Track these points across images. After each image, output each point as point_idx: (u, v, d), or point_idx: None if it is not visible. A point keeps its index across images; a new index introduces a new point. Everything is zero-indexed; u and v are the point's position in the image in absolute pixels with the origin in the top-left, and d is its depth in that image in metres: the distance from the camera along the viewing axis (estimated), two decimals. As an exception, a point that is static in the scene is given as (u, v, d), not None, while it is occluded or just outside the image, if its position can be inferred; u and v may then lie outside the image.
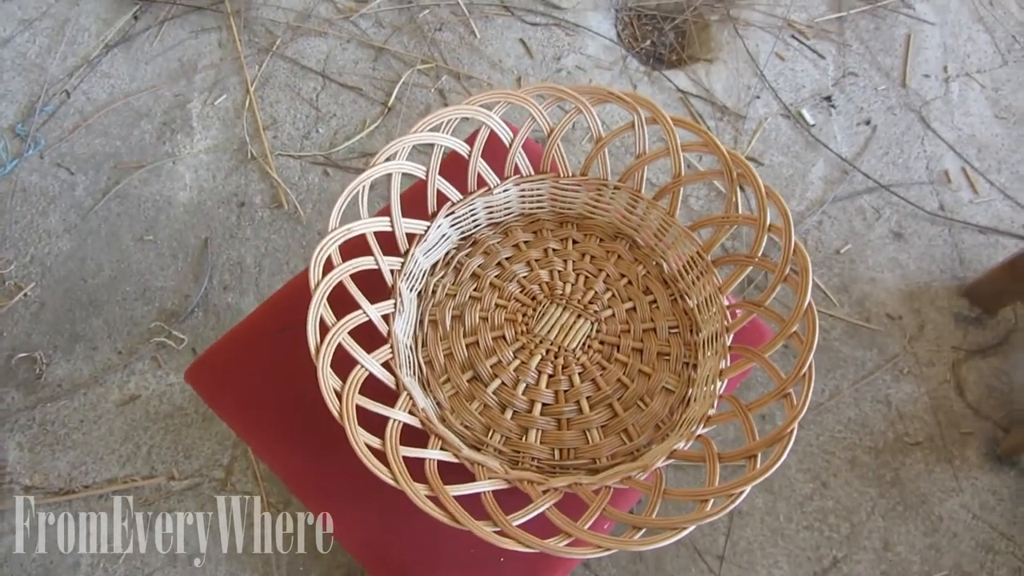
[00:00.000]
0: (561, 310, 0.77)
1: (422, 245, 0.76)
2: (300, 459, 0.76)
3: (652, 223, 0.79)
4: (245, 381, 0.79)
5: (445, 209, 0.77)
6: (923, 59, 1.77)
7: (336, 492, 0.73)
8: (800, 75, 1.74)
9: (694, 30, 1.77)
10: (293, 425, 0.77)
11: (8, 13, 1.71)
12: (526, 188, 0.80)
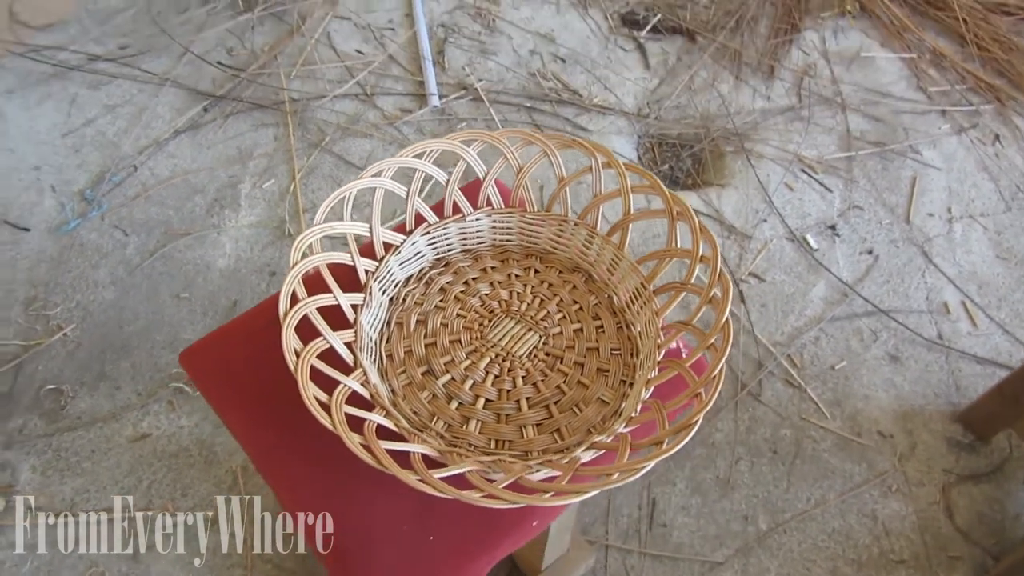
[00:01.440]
0: (514, 323, 0.87)
1: (397, 256, 0.88)
2: (271, 437, 0.84)
3: (605, 258, 0.89)
4: (233, 368, 0.90)
5: (421, 228, 0.89)
6: (928, 200, 1.88)
7: (298, 471, 0.81)
8: (807, 204, 1.87)
9: (710, 158, 1.93)
10: (271, 409, 0.86)
11: (96, 99, 1.98)
12: (497, 220, 0.91)
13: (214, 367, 0.91)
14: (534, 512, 0.83)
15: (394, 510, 0.82)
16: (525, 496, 0.68)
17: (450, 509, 0.82)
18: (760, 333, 1.69)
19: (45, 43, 2.12)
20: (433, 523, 0.81)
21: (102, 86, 2.04)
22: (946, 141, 2.02)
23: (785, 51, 2.18)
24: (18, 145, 1.93)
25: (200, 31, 2.16)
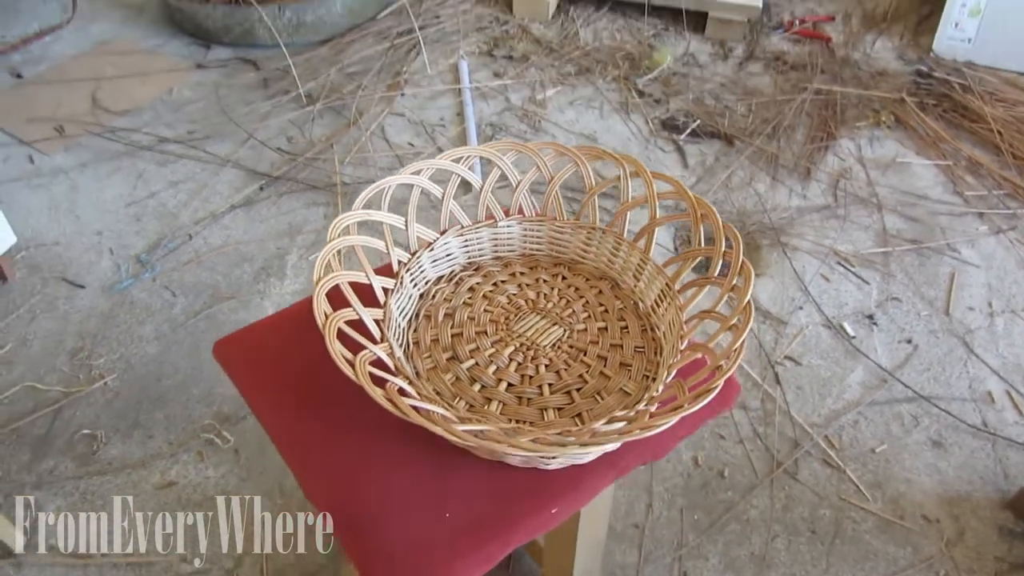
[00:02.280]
0: (540, 318, 0.89)
1: (430, 252, 0.92)
2: (292, 418, 0.86)
3: (632, 264, 0.92)
4: (263, 356, 0.93)
5: (455, 230, 0.93)
6: (967, 294, 1.88)
7: (317, 449, 0.82)
8: (843, 295, 1.88)
9: (746, 251, 1.95)
10: (296, 393, 0.88)
11: (162, 175, 2.11)
12: (528, 227, 0.95)
13: (244, 355, 0.95)
14: (550, 490, 0.82)
15: (411, 487, 0.82)
16: (531, 445, 0.69)
17: (467, 489, 0.82)
18: (796, 414, 1.66)
19: (121, 126, 2.29)
20: (449, 501, 0.81)
21: (168, 164, 2.18)
22: (984, 241, 2.03)
23: (821, 156, 2.25)
24: (85, 212, 2.05)
25: (264, 120, 2.31)
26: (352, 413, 0.87)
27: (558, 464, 0.83)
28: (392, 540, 0.78)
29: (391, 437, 0.85)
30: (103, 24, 2.72)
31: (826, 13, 2.80)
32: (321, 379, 0.91)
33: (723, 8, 2.63)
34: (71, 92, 2.42)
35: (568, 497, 0.83)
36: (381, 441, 0.85)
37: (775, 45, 2.67)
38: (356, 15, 2.63)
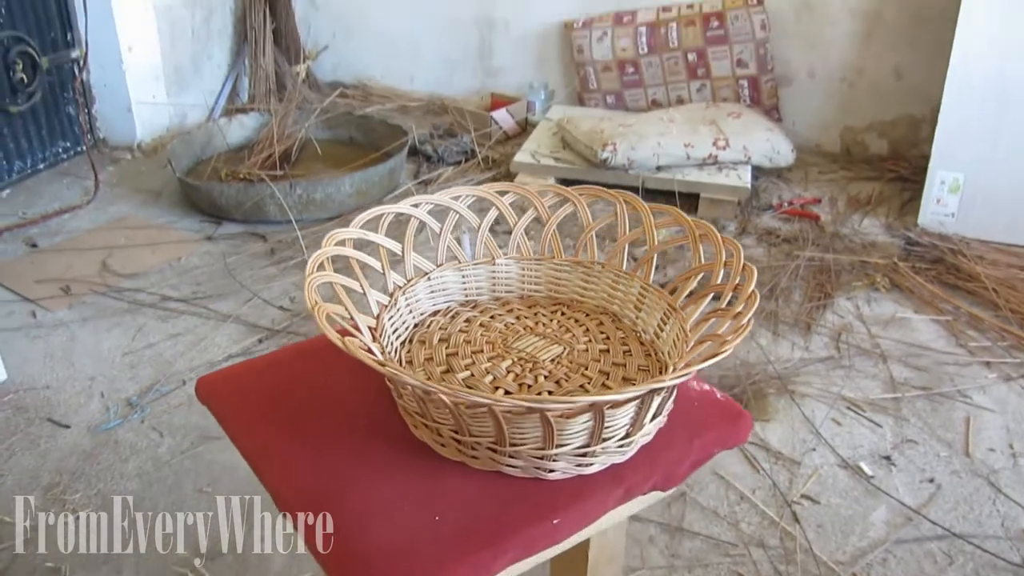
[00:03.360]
0: (538, 338, 0.87)
1: (426, 283, 0.92)
2: (271, 441, 0.83)
3: (632, 296, 0.92)
4: (241, 389, 0.91)
5: (452, 264, 0.94)
6: (985, 436, 1.84)
7: (298, 468, 0.79)
8: (857, 437, 1.83)
9: (753, 399, 1.93)
10: (275, 419, 0.85)
11: (162, 329, 2.14)
12: (525, 266, 0.96)
13: (224, 386, 0.91)
14: (553, 501, 0.75)
15: (398, 493, 0.76)
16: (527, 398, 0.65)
17: (460, 496, 0.76)
18: (819, 551, 1.55)
19: (127, 286, 2.34)
20: (440, 507, 0.74)
21: (169, 319, 2.21)
22: (995, 387, 2.01)
23: (820, 314, 2.28)
24: (80, 360, 2.05)
25: (268, 282, 2.37)
26: (339, 431, 0.83)
27: (561, 473, 0.77)
28: (373, 544, 0.71)
29: (379, 450, 0.81)
30: (121, 205, 2.87)
31: (812, 197, 2.96)
32: (305, 403, 0.88)
33: (714, 189, 2.78)
34: (82, 258, 2.50)
35: (571, 509, 0.76)
36: (368, 454, 0.80)
37: (766, 223, 2.79)
38: (364, 195, 2.77)
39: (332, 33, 3.91)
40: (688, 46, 3.24)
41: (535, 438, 0.73)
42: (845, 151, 3.37)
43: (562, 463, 0.76)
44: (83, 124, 3.13)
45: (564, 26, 3.48)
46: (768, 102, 3.27)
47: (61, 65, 3.02)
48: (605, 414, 0.71)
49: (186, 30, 3.40)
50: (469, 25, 3.68)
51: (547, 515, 0.75)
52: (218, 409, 0.89)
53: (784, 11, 3.24)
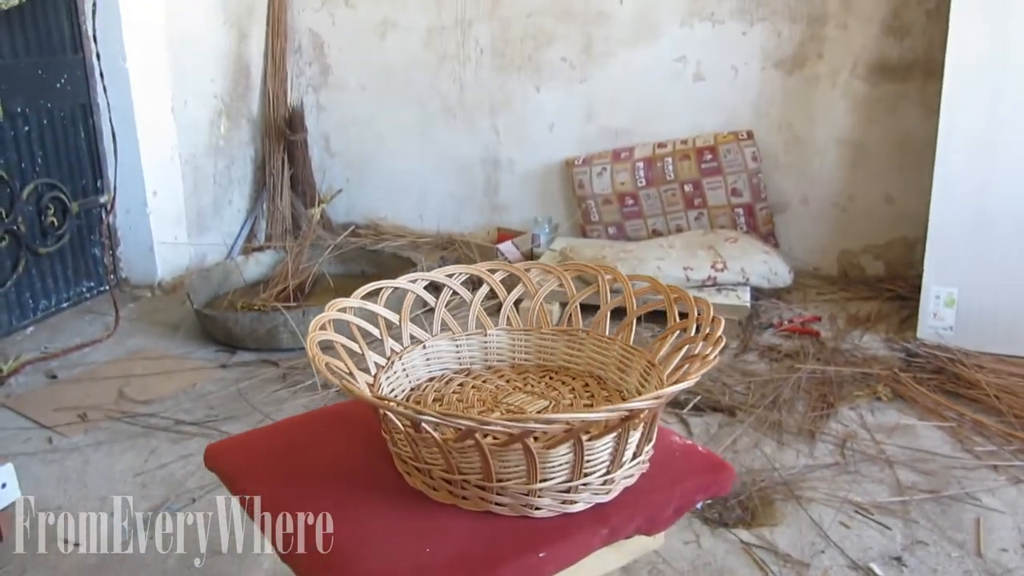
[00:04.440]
0: (526, 395, 0.95)
1: (422, 351, 1.01)
2: (275, 489, 0.90)
3: (614, 358, 1.00)
4: (246, 452, 0.98)
5: (447, 334, 1.03)
6: (997, 537, 1.84)
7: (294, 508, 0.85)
8: (866, 539, 1.84)
9: (759, 504, 1.95)
10: (281, 474, 0.93)
11: (174, 451, 2.23)
12: (516, 336, 1.05)
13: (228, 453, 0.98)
14: (538, 537, 0.80)
15: (392, 531, 0.81)
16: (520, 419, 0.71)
17: (450, 532, 0.81)
18: (832, 651, 1.53)
19: (141, 411, 2.41)
20: (431, 542, 0.80)
21: (182, 441, 2.27)
22: (1004, 490, 2.01)
23: (824, 423, 2.31)
24: (93, 481, 2.10)
25: (279, 404, 2.44)
26: (337, 483, 0.89)
27: (547, 511, 0.82)
28: (365, 571, 0.76)
29: (375, 497, 0.86)
30: (140, 338, 2.99)
31: (812, 315, 3.04)
32: (305, 462, 0.94)
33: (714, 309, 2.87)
34: (99, 387, 2.59)
35: (558, 545, 0.81)
36: (364, 501, 0.86)
37: (767, 340, 2.87)
38: (374, 323, 2.88)
39: (346, 178, 4.16)
40: (684, 178, 3.43)
41: (519, 472, 0.79)
42: (842, 273, 3.48)
43: (547, 500, 0.81)
44: (107, 265, 3.31)
45: (565, 163, 3.71)
46: (764, 228, 3.42)
47: (90, 209, 3.23)
48: (584, 445, 0.77)
49: (208, 177, 3.64)
50: (475, 166, 3.93)
51: (534, 549, 0.79)
52: (224, 470, 0.96)
53: (774, 143, 3.45)
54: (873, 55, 3.28)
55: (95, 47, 3.02)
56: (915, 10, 3.19)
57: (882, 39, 3.26)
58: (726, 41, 3.43)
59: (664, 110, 3.57)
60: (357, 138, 4.12)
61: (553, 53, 3.68)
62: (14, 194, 2.89)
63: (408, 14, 3.86)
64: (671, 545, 1.85)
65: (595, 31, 3.59)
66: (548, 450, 0.77)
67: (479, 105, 3.86)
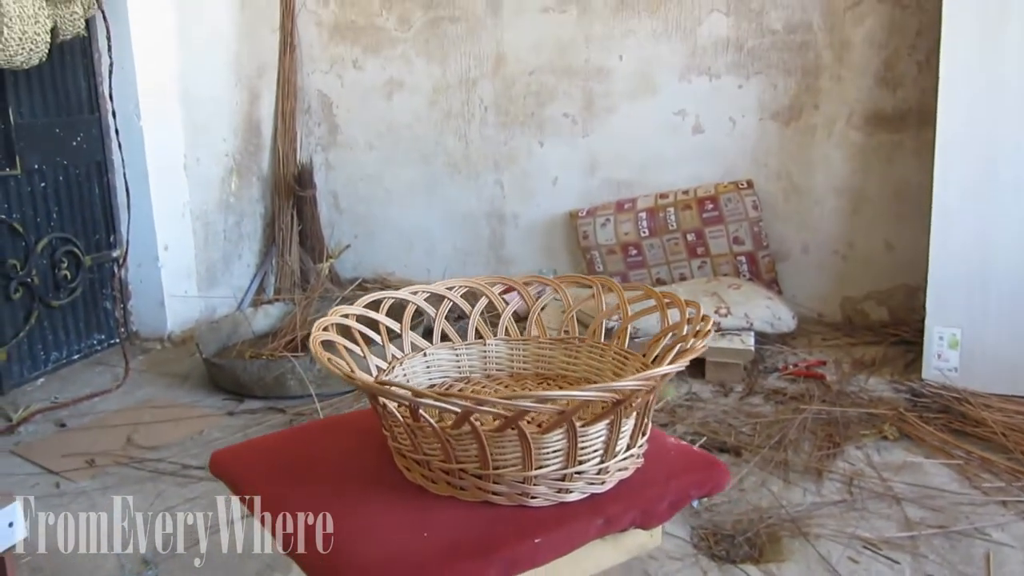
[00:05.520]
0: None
1: (422, 358, 1.04)
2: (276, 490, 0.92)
3: (610, 363, 1.04)
4: (256, 463, 1.00)
5: (448, 344, 1.07)
6: (1008, 571, 1.85)
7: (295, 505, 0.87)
8: (875, 574, 1.85)
9: (767, 541, 1.94)
10: (283, 477, 0.95)
11: (180, 494, 2.22)
12: (514, 346, 1.09)
13: (233, 459, 1.01)
14: (535, 525, 0.82)
15: (391, 521, 0.83)
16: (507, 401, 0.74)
17: (448, 520, 0.83)
18: None
19: (149, 457, 2.43)
20: (429, 528, 0.81)
21: (188, 485, 2.28)
22: (1014, 525, 2.00)
23: (831, 462, 2.31)
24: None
25: (285, 449, 2.44)
26: (340, 481, 0.91)
27: (543, 500, 0.84)
28: (364, 555, 0.78)
29: (376, 492, 0.88)
30: (149, 388, 3.02)
31: (817, 360, 3.05)
32: (307, 464, 0.96)
33: (718, 353, 2.90)
34: (107, 435, 2.61)
35: (553, 533, 0.83)
36: (365, 496, 0.88)
37: (773, 384, 2.87)
38: (380, 371, 2.90)
39: (354, 235, 4.23)
40: (686, 228, 3.48)
41: (515, 460, 0.81)
42: (846, 319, 3.50)
43: (543, 488, 0.83)
44: (118, 317, 3.36)
45: (569, 216, 3.77)
46: (767, 276, 3.46)
47: (102, 263, 3.30)
48: (578, 431, 0.80)
49: (219, 232, 3.72)
50: (481, 220, 4.00)
51: (530, 536, 0.81)
52: (228, 473, 0.98)
53: (773, 193, 3.51)
54: (867, 106, 3.37)
55: (111, 106, 3.12)
56: (906, 61, 3.28)
57: (875, 90, 3.35)
58: (723, 94, 3.52)
59: (665, 162, 3.65)
60: (365, 195, 4.21)
61: (555, 109, 3.78)
62: (29, 248, 2.96)
63: (414, 75, 3.98)
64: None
65: (596, 87, 3.70)
66: (543, 435, 0.79)
67: (484, 161, 3.95)
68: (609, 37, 3.65)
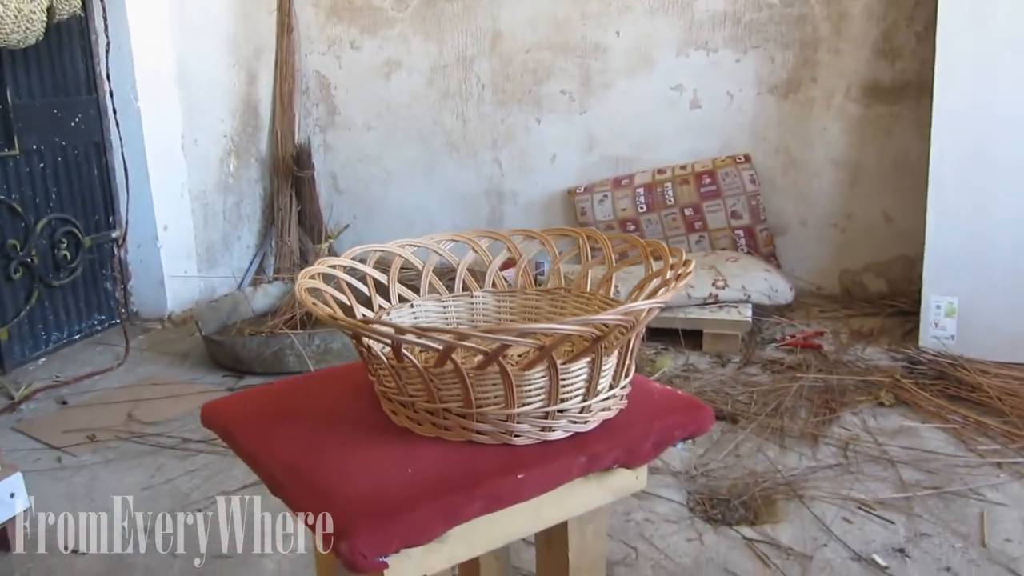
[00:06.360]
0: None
1: (408, 310, 1.05)
2: (270, 433, 0.93)
3: (596, 310, 1.04)
4: (247, 411, 1.02)
5: (435, 296, 1.08)
6: (1001, 528, 1.84)
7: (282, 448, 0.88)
8: (868, 533, 1.85)
9: (762, 504, 1.96)
10: (272, 421, 0.97)
11: (181, 466, 2.26)
12: (501, 298, 1.10)
13: (224, 409, 1.02)
14: (518, 462, 0.83)
15: (377, 458, 0.84)
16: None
17: (433, 457, 0.84)
18: (835, 636, 1.53)
19: (149, 432, 2.45)
20: (413, 464, 0.83)
21: (188, 458, 2.31)
22: (1008, 486, 2.02)
23: (827, 427, 2.32)
24: (100, 496, 2.13)
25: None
26: (329, 426, 0.92)
27: (526, 438, 0.85)
28: (352, 491, 0.79)
29: (363, 435, 0.89)
30: (149, 367, 3.04)
31: (814, 331, 3.06)
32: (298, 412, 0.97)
33: (716, 325, 2.91)
34: (109, 411, 2.63)
35: (536, 469, 0.84)
36: (352, 438, 0.89)
37: (770, 354, 2.89)
38: (379, 346, 2.92)
39: (353, 215, 4.24)
40: (684, 203, 3.48)
41: (498, 399, 0.83)
42: (845, 291, 3.51)
43: (526, 427, 0.84)
44: (118, 298, 3.37)
45: (567, 192, 3.78)
46: (765, 250, 3.46)
47: (102, 244, 3.31)
48: (559, 368, 0.81)
49: (218, 214, 3.73)
50: (479, 198, 4.00)
51: (514, 471, 0.82)
52: (220, 422, 0.99)
53: (771, 167, 3.51)
54: (866, 77, 3.36)
55: (109, 87, 3.13)
56: (905, 33, 3.28)
57: (874, 62, 3.34)
58: (721, 69, 3.52)
59: (663, 137, 3.65)
60: (364, 175, 4.21)
61: (553, 86, 3.78)
62: (28, 228, 2.97)
63: (411, 54, 3.98)
64: (673, 543, 1.86)
65: (593, 63, 3.69)
66: (524, 372, 0.80)
67: (482, 139, 3.96)
68: (605, 13, 3.64)
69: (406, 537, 0.75)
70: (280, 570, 1.77)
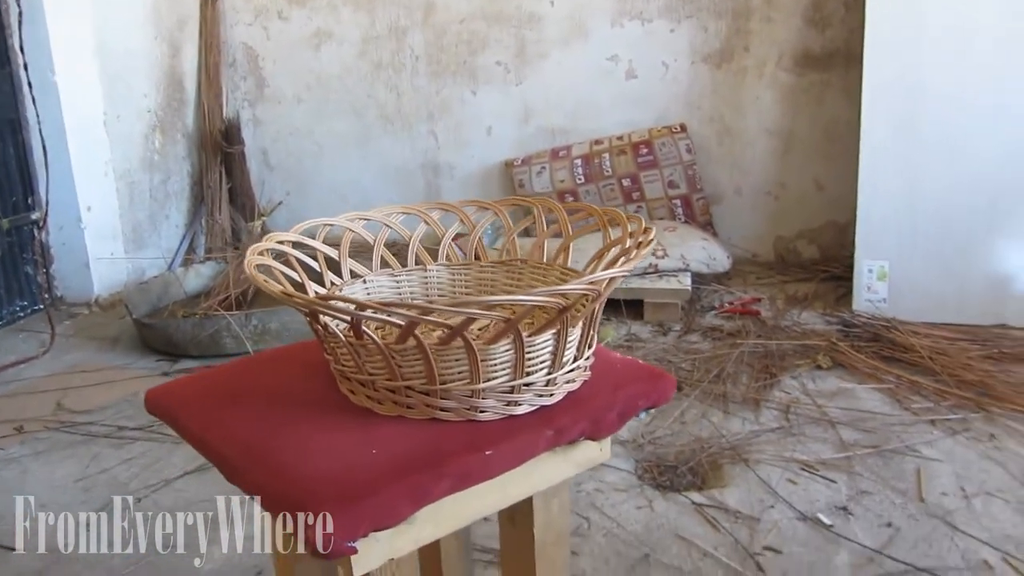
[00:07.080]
0: (468, 317, 0.96)
1: (362, 285, 1.02)
2: (219, 416, 0.89)
3: (555, 281, 1.02)
4: (195, 396, 0.97)
5: (387, 271, 1.04)
6: (937, 483, 1.90)
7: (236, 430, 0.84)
8: (813, 492, 1.88)
9: (708, 469, 1.98)
10: (220, 403, 0.92)
11: (116, 455, 2.19)
12: (455, 271, 1.07)
13: (169, 394, 0.97)
14: (485, 437, 0.81)
15: (338, 439, 0.81)
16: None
17: (397, 436, 0.81)
18: (786, 595, 1.56)
19: (81, 420, 2.35)
20: (377, 444, 0.80)
21: (124, 446, 2.23)
22: (942, 442, 2.08)
23: (768, 392, 2.36)
24: (32, 489, 2.04)
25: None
26: (283, 407, 0.89)
27: (492, 413, 0.83)
28: (313, 472, 0.76)
29: (321, 416, 0.86)
30: (77, 353, 2.92)
31: (752, 297, 3.11)
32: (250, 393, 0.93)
33: (656, 294, 2.93)
34: (36, 400, 2.53)
35: (503, 444, 0.82)
36: (310, 419, 0.86)
37: (710, 322, 2.92)
38: (319, 325, 2.86)
39: (286, 191, 4.14)
40: (621, 173, 3.49)
41: (462, 374, 0.80)
42: (779, 258, 3.58)
43: (491, 402, 0.82)
44: (41, 283, 3.23)
45: (505, 165, 3.75)
46: (702, 219, 3.50)
47: (21, 227, 3.16)
48: (525, 341, 0.79)
49: (144, 192, 3.59)
50: (416, 172, 3.94)
51: (480, 448, 0.80)
52: (166, 408, 0.94)
53: (707, 136, 3.54)
54: (797, 46, 3.40)
55: (23, 59, 2.97)
56: (834, 2, 3.32)
57: (804, 31, 3.38)
58: (655, 38, 3.52)
59: (599, 108, 3.64)
60: (295, 150, 4.11)
61: (488, 57, 3.73)
62: (-60, 211, 2.82)
63: (342, 25, 3.88)
64: (624, 511, 1.87)
65: (528, 34, 3.65)
66: (488, 346, 0.78)
67: (416, 112, 3.89)
68: (539, -19, 3.61)
69: (375, 520, 0.72)
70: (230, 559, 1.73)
